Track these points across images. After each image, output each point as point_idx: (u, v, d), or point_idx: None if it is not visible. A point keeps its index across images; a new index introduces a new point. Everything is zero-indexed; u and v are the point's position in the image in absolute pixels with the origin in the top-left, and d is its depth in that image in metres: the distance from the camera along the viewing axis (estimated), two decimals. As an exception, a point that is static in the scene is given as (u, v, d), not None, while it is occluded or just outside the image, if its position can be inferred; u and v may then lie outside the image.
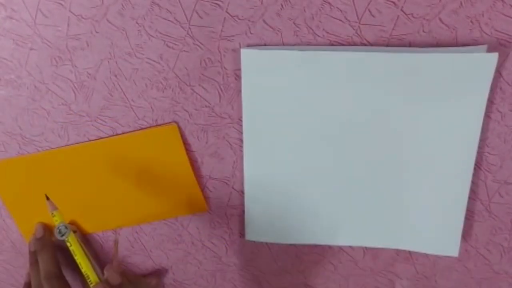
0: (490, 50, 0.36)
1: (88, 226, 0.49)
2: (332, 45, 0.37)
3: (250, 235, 0.47)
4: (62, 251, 0.50)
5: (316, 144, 0.42)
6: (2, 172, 0.46)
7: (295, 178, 0.44)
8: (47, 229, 0.48)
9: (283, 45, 0.38)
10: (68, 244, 0.41)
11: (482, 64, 0.36)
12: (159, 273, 0.52)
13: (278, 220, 0.46)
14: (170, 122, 0.42)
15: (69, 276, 0.48)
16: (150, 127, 0.43)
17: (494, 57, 0.35)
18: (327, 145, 0.42)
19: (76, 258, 0.41)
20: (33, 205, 0.47)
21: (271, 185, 0.44)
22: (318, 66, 0.38)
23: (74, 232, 0.41)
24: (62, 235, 0.41)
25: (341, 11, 0.36)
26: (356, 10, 0.36)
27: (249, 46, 0.38)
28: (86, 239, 0.50)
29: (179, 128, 0.43)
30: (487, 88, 0.37)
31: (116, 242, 0.45)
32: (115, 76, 0.41)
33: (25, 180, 0.46)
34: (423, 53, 0.36)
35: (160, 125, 0.43)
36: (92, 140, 0.44)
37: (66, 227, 0.41)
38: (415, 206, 0.43)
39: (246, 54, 0.38)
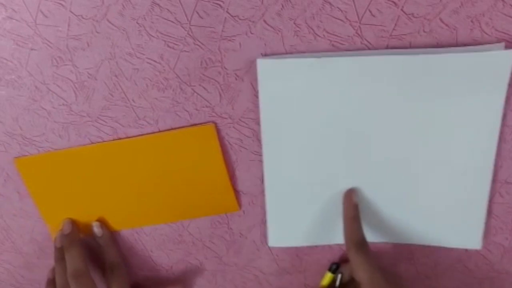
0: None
1: (118, 223, 0.49)
2: (333, 45, 0.38)
3: (273, 241, 0.48)
4: (88, 248, 0.50)
5: (336, 147, 0.42)
6: (32, 167, 0.46)
7: (316, 181, 0.44)
8: (75, 225, 0.48)
9: (283, 45, 0.38)
10: None
11: (500, 61, 0.36)
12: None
13: (301, 224, 0.46)
14: (207, 122, 0.42)
15: (93, 274, 0.47)
16: (186, 126, 0.43)
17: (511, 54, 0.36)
18: (348, 148, 0.42)
19: None
20: (62, 201, 0.47)
21: (292, 191, 0.44)
22: (334, 72, 0.38)
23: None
24: None
25: (341, 11, 0.36)
26: (356, 10, 0.36)
27: (265, 55, 0.39)
28: (113, 237, 0.50)
29: (217, 129, 0.43)
30: (505, 85, 0.37)
31: None
32: (116, 76, 0.41)
33: (55, 176, 0.46)
34: (440, 53, 0.36)
35: (197, 124, 0.42)
36: (125, 138, 0.44)
37: None
38: (439, 202, 0.43)
39: (262, 64, 0.38)
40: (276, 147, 0.42)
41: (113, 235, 0.49)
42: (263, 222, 0.48)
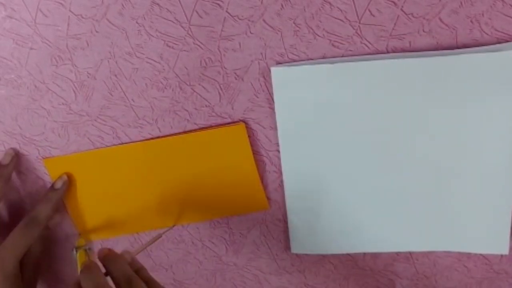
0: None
1: (146, 224, 0.49)
2: (333, 45, 0.38)
3: (295, 248, 0.47)
4: None
5: (356, 154, 0.41)
6: (60, 167, 0.46)
7: (337, 187, 0.43)
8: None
9: (283, 44, 0.38)
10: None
11: None
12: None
13: (323, 231, 0.46)
14: (237, 121, 0.42)
15: None
16: (218, 126, 0.43)
17: None
18: (367, 154, 0.41)
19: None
20: (90, 201, 0.47)
21: (312, 197, 0.44)
22: (349, 78, 0.38)
23: (89, 249, 0.43)
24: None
25: (341, 10, 0.36)
26: (356, 10, 0.36)
27: (278, 63, 0.39)
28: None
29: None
30: None
31: (157, 236, 0.46)
32: (115, 75, 0.41)
33: (84, 176, 0.46)
34: (463, 54, 0.36)
35: (227, 124, 0.42)
36: (153, 139, 0.44)
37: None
38: (463, 208, 0.42)
39: (277, 72, 0.38)
40: (295, 155, 0.42)
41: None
42: (263, 222, 0.48)
